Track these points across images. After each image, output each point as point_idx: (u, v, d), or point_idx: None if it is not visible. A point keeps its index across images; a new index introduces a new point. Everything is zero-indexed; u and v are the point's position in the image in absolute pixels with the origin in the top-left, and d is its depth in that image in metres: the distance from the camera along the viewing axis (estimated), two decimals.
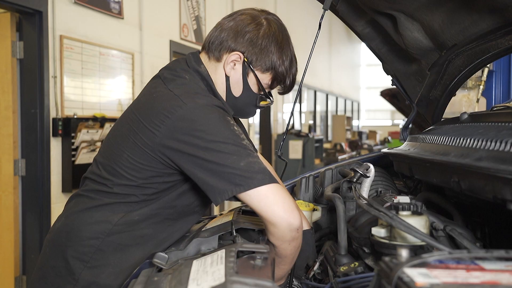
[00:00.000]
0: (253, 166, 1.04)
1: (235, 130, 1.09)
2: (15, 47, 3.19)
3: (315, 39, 1.52)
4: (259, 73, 1.23)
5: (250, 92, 1.26)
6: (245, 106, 1.29)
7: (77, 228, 1.18)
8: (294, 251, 1.09)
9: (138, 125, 1.14)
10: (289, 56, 1.26)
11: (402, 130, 1.72)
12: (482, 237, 1.07)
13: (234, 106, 1.27)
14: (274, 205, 1.03)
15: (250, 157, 1.06)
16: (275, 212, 1.03)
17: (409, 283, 0.51)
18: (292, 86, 1.30)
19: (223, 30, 1.24)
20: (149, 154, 1.12)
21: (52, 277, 1.18)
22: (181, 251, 1.02)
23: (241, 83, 1.24)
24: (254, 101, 1.28)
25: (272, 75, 1.24)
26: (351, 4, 1.52)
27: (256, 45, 1.21)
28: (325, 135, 11.77)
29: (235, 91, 1.25)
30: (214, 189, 1.05)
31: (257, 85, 1.25)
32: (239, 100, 1.27)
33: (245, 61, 1.22)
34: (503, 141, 0.82)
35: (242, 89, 1.25)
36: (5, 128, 3.24)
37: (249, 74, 1.23)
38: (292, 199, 1.07)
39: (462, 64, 1.41)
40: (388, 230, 0.86)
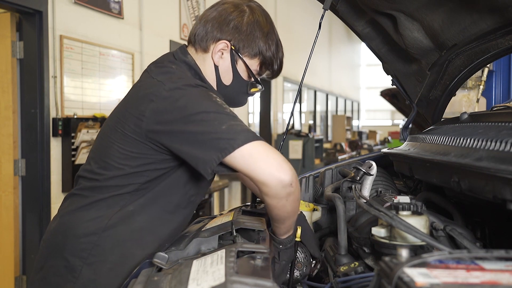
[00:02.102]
0: (235, 128, 1.02)
1: (217, 101, 1.08)
2: (15, 47, 3.19)
3: (315, 39, 1.52)
4: (247, 59, 1.25)
5: (240, 79, 1.27)
6: (237, 95, 1.31)
7: (74, 226, 1.18)
8: (294, 206, 1.06)
9: (125, 115, 1.16)
10: (275, 40, 1.29)
11: (402, 130, 1.72)
12: (482, 237, 1.07)
13: (225, 95, 1.28)
14: (260, 162, 0.99)
15: (232, 121, 1.04)
16: (261, 170, 0.99)
17: (409, 283, 0.51)
18: (280, 70, 1.33)
19: (207, 22, 1.25)
20: (139, 140, 1.13)
21: (51, 276, 1.18)
22: (181, 251, 1.02)
23: (230, 71, 1.26)
24: (245, 89, 1.30)
25: (260, 60, 1.26)
26: (351, 4, 1.52)
27: (241, 32, 1.23)
28: (325, 135, 11.77)
29: (225, 80, 1.27)
30: (202, 161, 1.04)
31: (247, 72, 1.27)
32: (230, 89, 1.28)
33: (233, 49, 1.23)
34: (503, 141, 0.82)
35: (232, 77, 1.27)
36: (5, 128, 3.24)
37: (237, 61, 1.25)
38: (280, 154, 1.02)
39: (462, 64, 1.41)
40: (388, 230, 0.86)
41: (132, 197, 1.16)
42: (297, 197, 1.06)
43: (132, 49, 4.14)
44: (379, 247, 0.88)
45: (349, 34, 13.60)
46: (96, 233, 1.16)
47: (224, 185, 4.95)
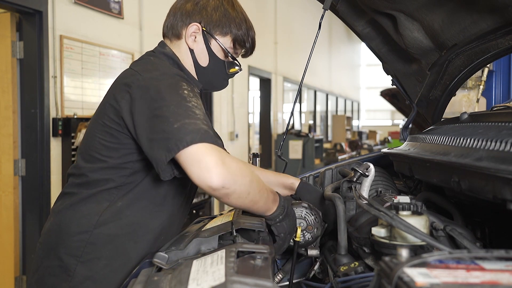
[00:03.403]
0: (187, 127, 1.00)
1: (183, 94, 1.08)
2: (15, 47, 3.19)
3: (315, 39, 1.52)
4: (220, 37, 1.29)
5: (216, 59, 1.31)
6: (216, 76, 1.34)
7: (65, 225, 1.20)
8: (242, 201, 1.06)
9: (105, 106, 1.18)
10: (243, 18, 1.33)
11: (402, 130, 1.72)
12: (482, 237, 1.07)
13: (205, 78, 1.32)
14: (193, 166, 0.98)
15: (187, 119, 1.02)
16: (194, 174, 0.98)
17: (409, 283, 0.51)
18: (253, 47, 1.37)
19: (176, 12, 1.31)
20: (118, 130, 1.15)
21: (47, 277, 1.19)
22: (181, 251, 1.02)
23: (205, 52, 1.30)
24: (223, 69, 1.33)
25: (232, 38, 1.30)
26: (351, 4, 1.52)
27: (209, 12, 1.28)
28: (325, 135, 11.77)
29: (202, 62, 1.31)
30: (155, 160, 1.04)
31: (222, 50, 1.30)
32: (209, 70, 1.31)
33: (204, 30, 1.28)
34: (503, 141, 0.82)
35: (208, 58, 1.30)
36: (5, 128, 3.24)
37: (211, 41, 1.29)
38: (219, 155, 0.99)
39: (462, 64, 1.41)
40: (388, 230, 0.86)
41: (120, 192, 1.17)
42: (241, 194, 1.03)
43: (132, 49, 4.14)
44: (379, 247, 0.88)
45: (349, 34, 13.61)
46: (87, 230, 1.17)
47: None
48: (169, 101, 1.05)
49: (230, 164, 1.00)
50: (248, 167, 1.05)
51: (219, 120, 6.02)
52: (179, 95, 1.08)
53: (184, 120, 1.02)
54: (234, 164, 1.01)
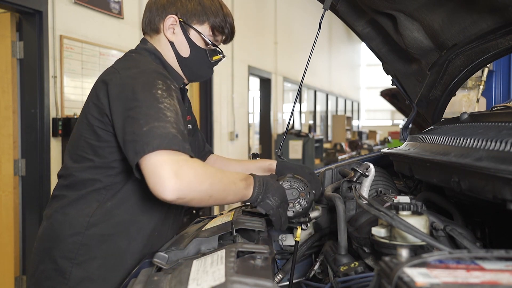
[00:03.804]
0: (155, 131, 1.00)
1: (156, 94, 1.08)
2: (15, 47, 3.19)
3: (315, 39, 1.52)
4: (198, 26, 1.30)
5: (197, 48, 1.31)
6: (199, 65, 1.34)
7: (57, 228, 1.20)
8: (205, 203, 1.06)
9: (88, 105, 1.20)
10: (218, 6, 1.34)
11: (402, 130, 1.72)
12: (482, 237, 1.07)
13: (189, 69, 1.33)
14: (151, 175, 0.98)
15: (157, 121, 1.02)
16: (150, 185, 0.99)
17: (409, 283, 0.51)
18: (232, 33, 1.37)
19: (151, 7, 1.32)
20: (102, 128, 1.16)
21: (43, 281, 1.20)
22: (181, 251, 1.02)
23: (185, 42, 1.31)
24: (205, 57, 1.34)
25: (210, 25, 1.31)
26: (351, 4, 1.52)
27: (184, 2, 1.29)
28: (325, 135, 11.77)
29: (183, 53, 1.32)
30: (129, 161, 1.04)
31: (201, 39, 1.31)
32: (191, 60, 1.32)
33: (181, 21, 1.29)
34: (503, 141, 0.82)
35: (189, 48, 1.31)
36: (5, 128, 3.24)
37: (189, 31, 1.30)
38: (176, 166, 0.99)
39: (462, 64, 1.41)
40: (388, 230, 0.86)
41: (109, 192, 1.18)
42: (201, 200, 1.04)
43: None
44: (379, 247, 0.88)
45: (349, 34, 13.61)
46: (79, 232, 1.18)
47: None
48: (142, 101, 1.06)
49: (185, 175, 0.99)
50: (208, 171, 1.04)
51: (219, 120, 6.02)
52: (153, 95, 1.08)
53: (153, 123, 1.02)
54: (191, 173, 1.00)
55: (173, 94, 1.13)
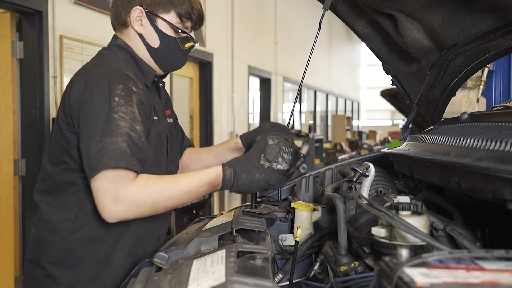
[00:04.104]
0: (106, 148, 1.05)
1: (113, 102, 1.11)
2: (15, 47, 3.19)
3: (315, 39, 1.52)
4: (164, 15, 1.30)
5: (167, 37, 1.31)
6: (172, 54, 1.34)
7: (43, 236, 1.22)
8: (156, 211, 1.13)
9: (60, 108, 1.22)
10: None
11: (402, 130, 1.72)
12: (482, 237, 1.07)
13: (161, 59, 1.33)
14: (95, 198, 1.06)
15: (108, 137, 1.06)
16: (96, 205, 1.06)
17: (409, 283, 0.51)
18: (200, 18, 1.36)
19: (117, 2, 1.34)
20: (68, 131, 1.18)
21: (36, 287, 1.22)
22: (181, 250, 1.02)
23: (154, 32, 1.31)
24: (176, 45, 1.33)
25: (176, 13, 1.30)
26: (351, 4, 1.52)
27: None
28: (325, 135, 11.76)
29: (153, 43, 1.32)
30: None
31: (170, 27, 1.31)
32: (162, 50, 1.32)
33: (147, 12, 1.29)
34: (503, 141, 0.82)
35: (158, 38, 1.31)
36: (5, 128, 3.24)
37: (156, 21, 1.30)
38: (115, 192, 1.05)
39: (462, 64, 1.41)
40: (388, 230, 0.86)
41: (87, 195, 1.18)
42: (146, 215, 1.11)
43: None
44: (379, 247, 0.88)
45: (349, 34, 13.60)
46: (64, 238, 1.19)
47: None
48: (98, 111, 1.10)
49: (123, 201, 1.05)
50: (148, 193, 1.08)
51: (219, 120, 6.02)
52: (109, 103, 1.10)
53: (106, 138, 1.06)
54: (129, 199, 1.05)
55: (132, 98, 1.14)
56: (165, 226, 1.41)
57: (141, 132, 1.12)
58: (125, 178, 1.06)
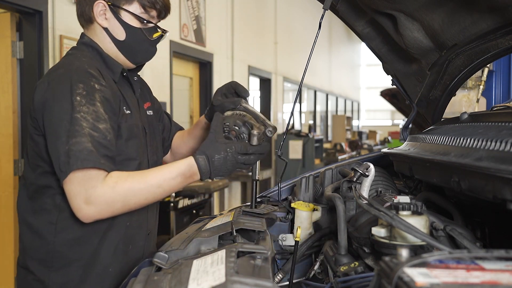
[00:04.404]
0: (73, 149, 1.07)
1: (74, 102, 1.12)
2: (15, 47, 3.19)
3: (315, 39, 1.52)
4: (127, 6, 1.28)
5: (132, 28, 1.30)
6: (140, 45, 1.33)
7: (28, 242, 1.24)
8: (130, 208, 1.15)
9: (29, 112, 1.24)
10: None
11: (402, 130, 1.72)
12: (482, 237, 1.07)
13: (130, 51, 1.32)
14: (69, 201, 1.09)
15: (73, 138, 1.08)
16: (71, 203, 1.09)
17: (409, 282, 0.51)
18: (165, 7, 1.34)
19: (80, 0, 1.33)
20: (36, 134, 1.20)
21: None
22: (181, 250, 1.02)
23: (119, 25, 1.29)
24: (144, 36, 1.32)
25: (139, 3, 1.29)
26: (351, 4, 1.52)
27: None
28: (325, 135, 11.76)
29: (119, 36, 1.30)
30: None
31: (134, 18, 1.29)
32: (129, 42, 1.31)
33: (109, 5, 1.28)
34: (503, 141, 0.82)
35: (123, 30, 1.30)
36: (5, 128, 3.24)
37: (120, 13, 1.29)
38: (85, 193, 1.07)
39: (462, 64, 1.41)
40: (388, 230, 0.86)
41: (63, 197, 1.18)
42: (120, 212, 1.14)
43: None
44: (379, 247, 0.88)
45: (349, 34, 13.60)
46: (49, 241, 1.21)
47: (224, 185, 4.94)
48: (60, 112, 1.12)
49: (95, 202, 1.07)
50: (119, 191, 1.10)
51: None
52: (70, 104, 1.12)
53: (70, 139, 1.08)
54: (100, 199, 1.08)
55: (94, 97, 1.15)
56: (154, 219, 1.43)
57: (105, 130, 1.13)
58: (94, 179, 1.08)
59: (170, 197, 3.79)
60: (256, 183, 1.32)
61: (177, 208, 3.83)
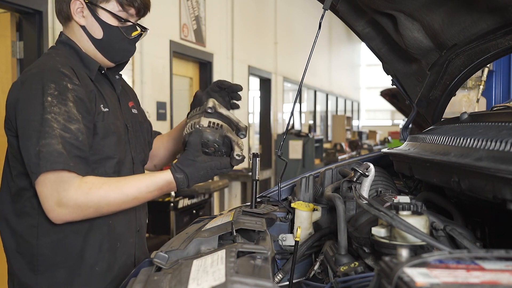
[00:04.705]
0: (42, 150, 1.08)
1: (45, 103, 1.12)
2: (15, 47, 3.19)
3: (315, 39, 1.52)
4: (105, 4, 1.27)
5: (109, 27, 1.29)
6: (117, 44, 1.32)
7: (11, 248, 1.24)
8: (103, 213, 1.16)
9: None
10: None
11: (402, 130, 1.72)
12: (482, 237, 1.07)
13: (106, 50, 1.31)
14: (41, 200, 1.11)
15: (43, 139, 1.08)
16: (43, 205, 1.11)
17: (409, 282, 0.51)
18: (144, 4, 1.32)
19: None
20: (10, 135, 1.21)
21: None
22: (181, 250, 1.02)
23: (96, 23, 1.28)
24: (121, 35, 1.31)
25: (117, 1, 1.27)
26: (351, 4, 1.52)
27: None
28: (325, 135, 11.76)
29: (96, 34, 1.29)
30: None
31: (112, 16, 1.28)
32: (106, 40, 1.30)
33: (87, 2, 1.27)
34: (503, 141, 0.82)
35: (101, 28, 1.29)
36: None
37: (97, 11, 1.27)
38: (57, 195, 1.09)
39: (462, 64, 1.41)
40: (388, 230, 0.86)
41: None
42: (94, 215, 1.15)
43: None
44: (379, 247, 0.88)
45: (349, 34, 13.60)
46: (32, 245, 1.21)
47: (224, 185, 4.95)
48: (31, 114, 1.12)
49: (67, 202, 1.09)
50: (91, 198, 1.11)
51: None
52: (42, 104, 1.11)
53: (41, 140, 1.08)
54: (71, 203, 1.09)
55: (66, 97, 1.14)
56: (144, 215, 1.43)
57: (77, 130, 1.13)
58: (67, 182, 1.09)
59: (170, 197, 3.80)
60: (256, 183, 1.32)
61: (177, 208, 3.83)
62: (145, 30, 1.36)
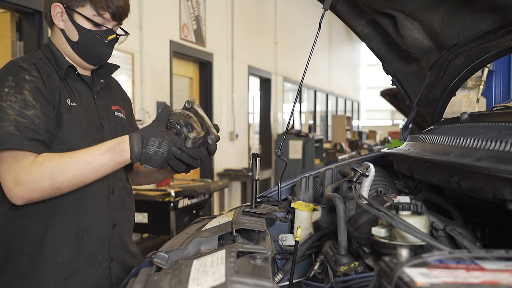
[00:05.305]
0: None
1: (3, 91, 1.20)
2: (15, 47, 3.19)
3: (315, 39, 1.52)
4: (80, 9, 1.34)
5: (84, 30, 1.36)
6: (93, 46, 1.39)
7: None
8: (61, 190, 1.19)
9: None
10: None
11: (402, 130, 1.72)
12: (482, 237, 1.07)
13: (82, 52, 1.38)
14: (1, 177, 1.17)
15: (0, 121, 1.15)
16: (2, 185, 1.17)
17: (409, 282, 0.51)
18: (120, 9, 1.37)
19: (44, 3, 1.39)
20: None
21: None
22: (181, 251, 1.02)
23: (73, 27, 1.36)
24: (95, 38, 1.37)
25: (91, 6, 1.34)
26: (351, 4, 1.52)
27: None
28: (325, 135, 11.77)
29: (72, 37, 1.37)
30: None
31: (87, 20, 1.35)
32: (81, 43, 1.37)
33: (65, 7, 1.34)
34: (503, 141, 0.82)
35: (76, 32, 1.36)
36: None
37: (74, 15, 1.35)
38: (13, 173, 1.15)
39: (462, 64, 1.41)
40: (388, 230, 0.86)
41: None
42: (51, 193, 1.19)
43: (132, 49, 4.14)
44: (379, 247, 0.88)
45: (349, 34, 13.61)
46: (2, 232, 1.28)
47: (224, 185, 4.95)
48: None
49: (23, 181, 1.14)
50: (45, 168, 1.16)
51: (219, 120, 6.02)
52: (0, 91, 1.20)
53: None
54: (27, 177, 1.15)
55: (23, 86, 1.22)
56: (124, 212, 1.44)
57: (33, 116, 1.20)
58: (22, 160, 1.15)
59: (170, 197, 3.80)
60: (256, 183, 1.32)
61: (177, 208, 3.83)
62: (119, 35, 1.43)
